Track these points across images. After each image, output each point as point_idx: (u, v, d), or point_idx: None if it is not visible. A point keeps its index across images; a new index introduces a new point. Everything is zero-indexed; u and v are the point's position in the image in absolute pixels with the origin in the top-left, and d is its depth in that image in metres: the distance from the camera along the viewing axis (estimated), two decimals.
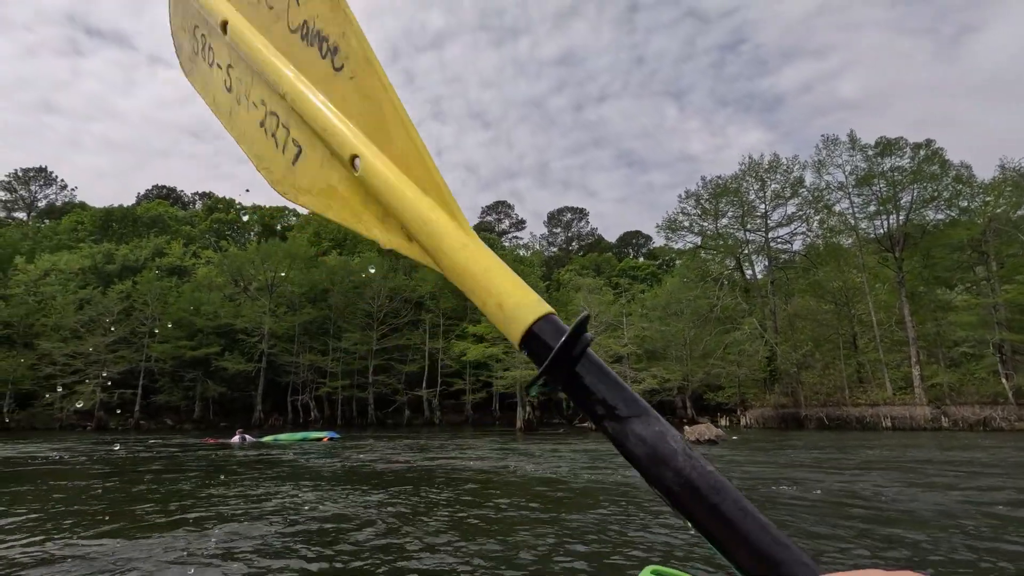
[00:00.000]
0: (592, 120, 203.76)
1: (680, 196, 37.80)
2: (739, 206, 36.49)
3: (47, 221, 68.47)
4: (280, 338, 43.67)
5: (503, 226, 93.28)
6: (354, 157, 0.70)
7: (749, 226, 37.12)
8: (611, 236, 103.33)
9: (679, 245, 38.29)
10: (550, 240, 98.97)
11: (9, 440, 26.42)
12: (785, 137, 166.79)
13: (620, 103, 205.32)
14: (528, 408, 30.99)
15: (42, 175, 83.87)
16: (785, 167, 35.11)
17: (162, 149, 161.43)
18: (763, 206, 36.30)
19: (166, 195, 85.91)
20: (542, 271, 57.48)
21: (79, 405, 38.04)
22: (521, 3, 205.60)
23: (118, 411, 39.33)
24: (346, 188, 0.73)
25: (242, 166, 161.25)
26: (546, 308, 0.56)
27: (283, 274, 45.24)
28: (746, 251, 37.60)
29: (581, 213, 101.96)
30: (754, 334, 32.93)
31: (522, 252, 68.96)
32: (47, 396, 38.56)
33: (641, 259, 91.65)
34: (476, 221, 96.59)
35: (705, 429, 17.39)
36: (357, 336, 44.66)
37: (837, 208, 35.42)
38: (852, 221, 34.44)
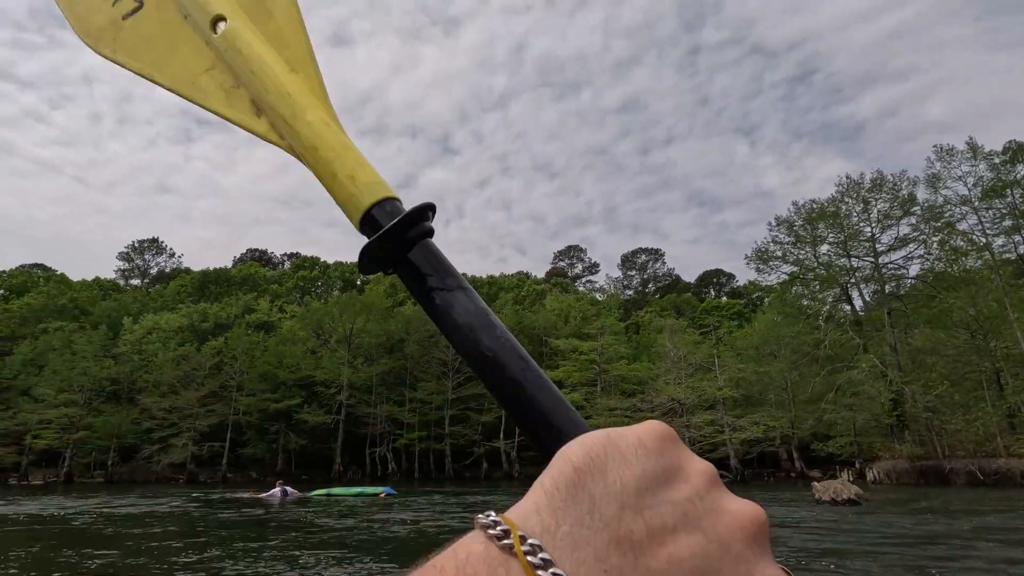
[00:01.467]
0: (659, 163, 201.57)
1: (770, 224, 34.75)
2: (840, 230, 32.86)
3: (157, 286, 74.93)
4: (358, 389, 43.74)
5: (576, 271, 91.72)
6: (218, 20, 0.66)
7: (854, 252, 33.24)
8: (689, 276, 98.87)
9: (772, 277, 34.90)
10: (625, 283, 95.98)
11: (87, 493, 27.19)
12: (870, 164, 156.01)
13: (687, 144, 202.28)
14: None
15: (154, 245, 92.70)
16: (892, 184, 31.38)
17: (256, 218, 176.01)
18: (869, 229, 32.48)
19: (258, 257, 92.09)
20: (619, 314, 54.94)
21: (173, 459, 39.43)
22: (580, 58, 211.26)
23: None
24: (192, 51, 0.68)
25: (328, 230, 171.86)
26: (393, 193, 0.58)
27: (360, 325, 45.84)
28: (852, 280, 33.54)
29: (656, 254, 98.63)
30: (873, 373, 28.63)
31: (598, 296, 66.79)
32: (145, 450, 40.37)
33: (724, 298, 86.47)
34: (548, 267, 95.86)
35: (841, 487, 14.29)
36: (432, 386, 43.90)
37: (961, 226, 31.00)
38: (982, 239, 29.87)
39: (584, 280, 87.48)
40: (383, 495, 22.41)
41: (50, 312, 55.43)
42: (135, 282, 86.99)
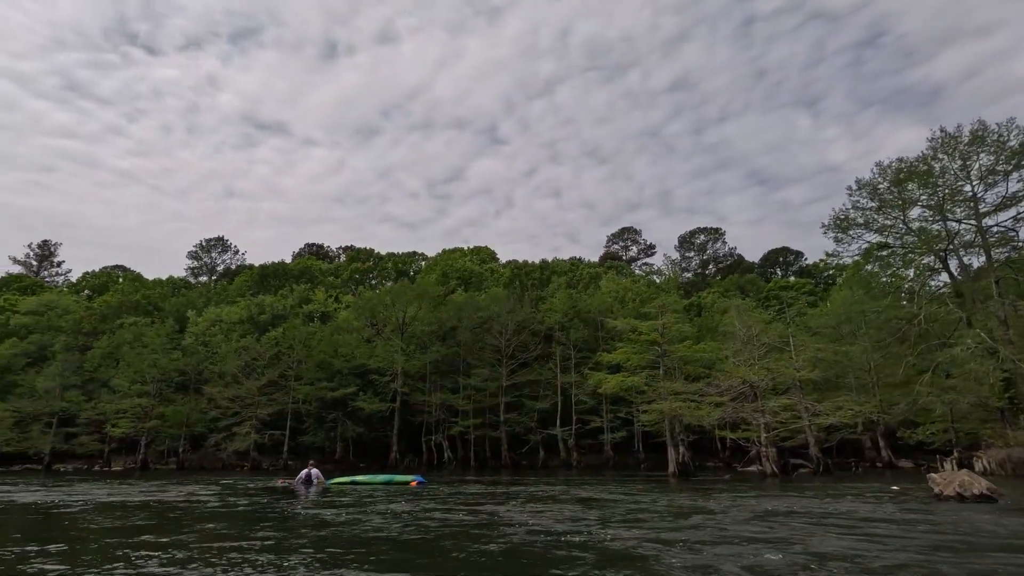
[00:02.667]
0: (714, 142, 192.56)
1: (850, 188, 31.18)
2: (934, 190, 29.08)
3: (222, 282, 78.13)
4: (412, 377, 43.53)
5: (631, 253, 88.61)
6: None
7: (951, 215, 29.36)
8: (752, 256, 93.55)
9: (853, 247, 31.46)
10: (683, 265, 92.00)
11: (148, 480, 27.86)
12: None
13: (743, 121, 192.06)
14: (681, 450, 26.01)
15: (220, 243, 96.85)
16: (997, 135, 27.36)
17: (315, 217, 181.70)
18: (969, 187, 28.56)
19: (315, 252, 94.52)
20: (680, 295, 52.08)
21: (237, 447, 40.49)
22: (627, 39, 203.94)
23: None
24: None
25: (383, 225, 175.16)
26: None
27: (412, 313, 45.55)
28: (950, 246, 29.66)
29: (716, 233, 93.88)
30: (979, 350, 25.12)
31: (655, 279, 63.91)
32: (212, 438, 41.72)
33: (792, 278, 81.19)
34: (601, 251, 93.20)
35: (968, 479, 11.89)
36: (486, 372, 43.06)
37: None
38: None
39: (640, 263, 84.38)
40: (414, 483, 20.99)
41: (126, 308, 58.55)
42: (203, 279, 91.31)
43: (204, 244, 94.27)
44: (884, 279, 32.78)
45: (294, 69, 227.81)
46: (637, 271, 75.98)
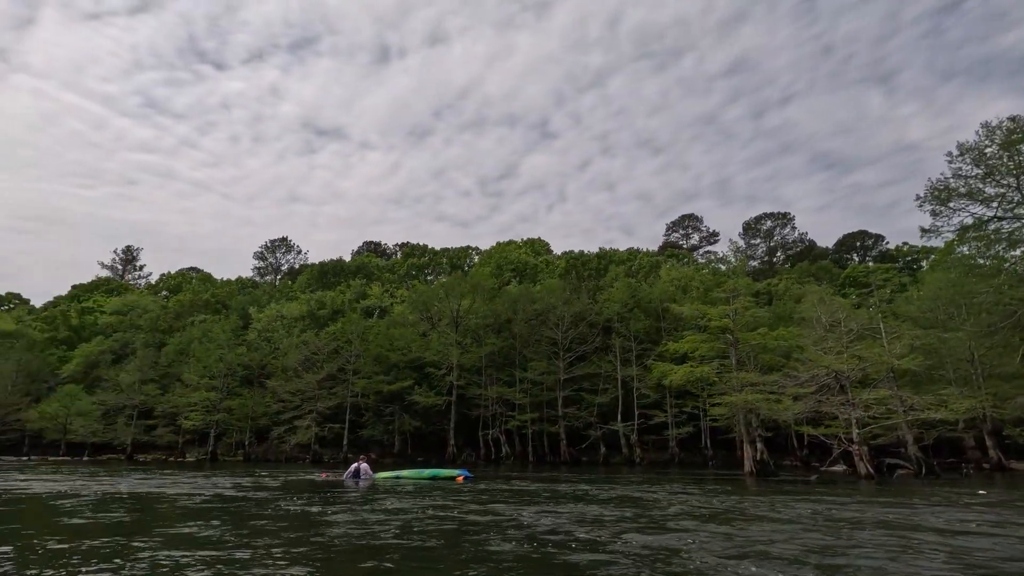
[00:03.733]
0: (776, 125, 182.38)
1: (950, 155, 27.57)
2: None
3: (285, 280, 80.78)
4: (468, 370, 42.87)
5: (692, 241, 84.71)
6: None
7: None
8: (824, 242, 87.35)
9: (955, 221, 27.76)
10: (748, 253, 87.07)
11: (215, 471, 28.31)
12: None
13: (808, 101, 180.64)
14: (759, 447, 23.60)
15: (284, 244, 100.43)
16: None
17: (372, 218, 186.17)
18: None
19: (373, 249, 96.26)
20: (748, 281, 48.73)
21: (299, 439, 41.19)
22: (680, 23, 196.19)
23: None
24: None
25: (438, 224, 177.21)
26: None
27: (467, 306, 44.88)
28: None
29: (783, 219, 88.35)
30: None
31: (720, 267, 60.38)
32: (275, 430, 42.66)
33: (871, 263, 75.04)
34: (659, 243, 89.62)
35: None
36: (543, 365, 41.74)
37: None
38: None
39: (702, 251, 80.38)
40: (460, 479, 20.22)
41: (197, 307, 61.31)
42: (269, 278, 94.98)
43: (269, 245, 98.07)
44: (985, 260, 28.84)
45: (349, 75, 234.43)
46: (700, 260, 72.27)
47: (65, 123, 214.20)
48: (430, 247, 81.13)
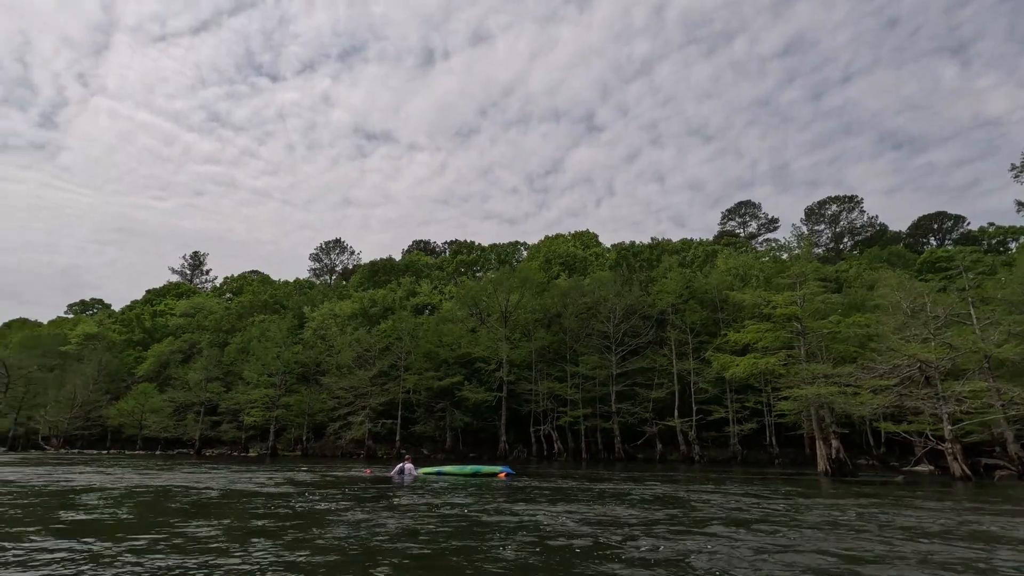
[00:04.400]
0: (837, 106, 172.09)
1: None
2: None
3: (338, 279, 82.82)
4: (517, 366, 42.23)
5: (750, 229, 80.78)
6: None
7: None
8: (896, 226, 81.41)
9: None
10: (812, 239, 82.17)
11: (272, 466, 28.83)
12: None
13: (872, 78, 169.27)
14: (835, 444, 21.51)
15: (338, 245, 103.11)
16: None
17: (421, 219, 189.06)
18: None
19: (422, 248, 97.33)
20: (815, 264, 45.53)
21: (354, 435, 41.77)
22: (730, 3, 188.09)
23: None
24: None
25: (486, 222, 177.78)
26: None
27: (515, 301, 44.24)
28: None
29: (851, 202, 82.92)
30: None
31: (782, 255, 56.93)
32: (330, 426, 43.46)
33: (950, 246, 69.09)
34: (714, 233, 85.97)
35: None
36: (595, 360, 40.54)
37: None
38: None
39: (761, 239, 76.45)
40: (502, 475, 19.70)
41: (257, 308, 63.59)
42: (324, 279, 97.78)
43: (324, 246, 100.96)
44: None
45: (396, 79, 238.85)
46: (759, 248, 68.68)
47: (139, 140, 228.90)
48: (478, 244, 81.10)
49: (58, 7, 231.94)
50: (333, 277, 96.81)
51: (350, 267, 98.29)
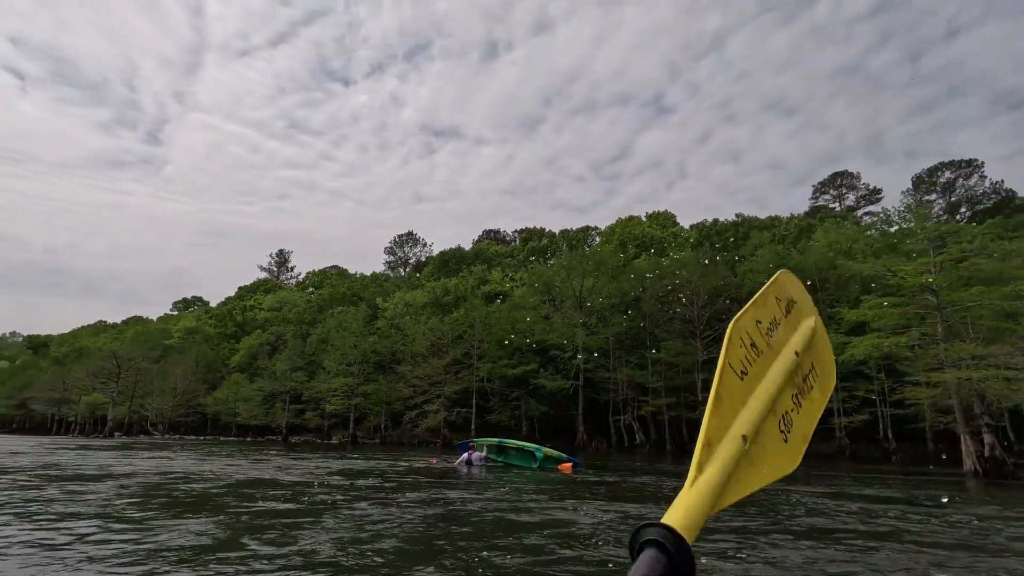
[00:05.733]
0: (939, 66, 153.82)
1: None
2: None
3: (411, 271, 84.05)
4: (594, 353, 40.23)
5: (847, 202, 73.49)
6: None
7: None
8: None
9: None
10: (926, 210, 73.41)
11: (353, 454, 28.70)
12: None
13: (982, 31, 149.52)
14: (988, 439, 17.80)
15: (411, 238, 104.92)
16: None
17: (489, 211, 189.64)
18: None
19: (492, 237, 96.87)
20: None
21: (429, 424, 41.60)
22: None
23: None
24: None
25: (553, 212, 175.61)
26: None
27: (590, 285, 42.22)
28: None
29: (969, 167, 73.26)
30: None
31: (889, 228, 50.80)
32: (407, 415, 43.55)
33: None
34: (807, 207, 78.91)
35: None
36: (677, 346, 37.76)
37: None
38: None
39: (863, 212, 69.10)
40: (567, 466, 17.91)
41: (335, 300, 65.46)
42: (399, 271, 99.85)
43: (397, 239, 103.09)
44: None
45: (461, 74, 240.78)
46: (864, 220, 61.95)
47: (229, 150, 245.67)
48: (548, 230, 79.31)
49: (157, 33, 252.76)
50: (407, 269, 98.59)
51: (423, 259, 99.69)
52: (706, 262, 40.98)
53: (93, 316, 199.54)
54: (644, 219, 64.23)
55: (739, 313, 1.42)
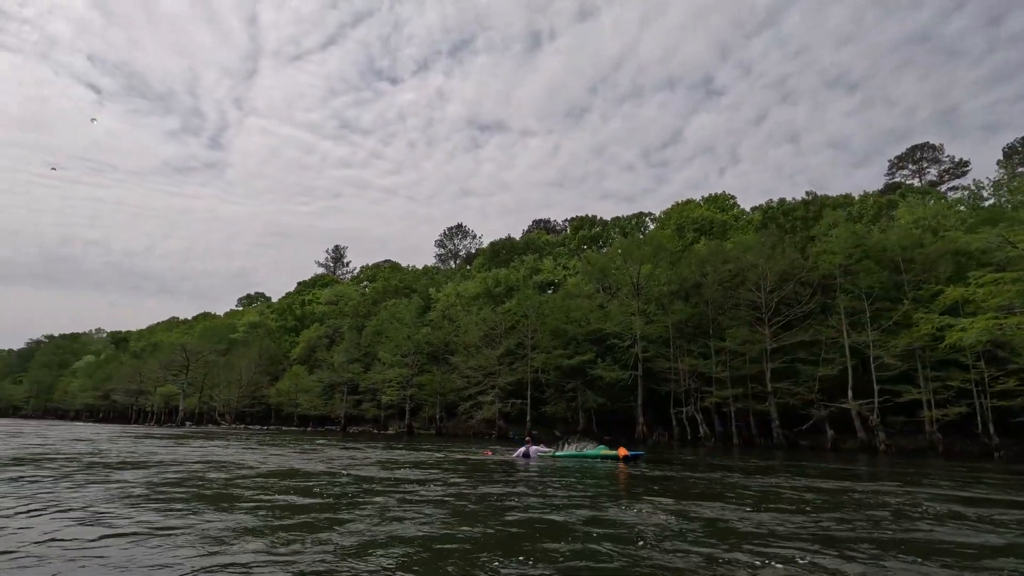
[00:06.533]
0: (1022, 28, 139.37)
1: None
2: None
3: (461, 264, 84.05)
4: (653, 342, 38.51)
5: (929, 176, 67.63)
6: None
7: None
8: None
9: None
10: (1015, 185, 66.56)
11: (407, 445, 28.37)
12: None
13: None
14: None
15: (460, 231, 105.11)
16: None
17: (537, 203, 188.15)
18: None
19: (542, 227, 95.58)
20: None
21: (484, 415, 41.09)
22: None
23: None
24: None
25: (601, 202, 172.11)
26: None
27: (647, 270, 40.43)
28: None
29: None
30: None
31: (986, 204, 46.01)
32: (462, 406, 43.23)
33: None
34: (881, 185, 73.17)
35: None
36: (744, 333, 35.55)
37: None
38: None
39: (947, 186, 63.28)
40: (625, 452, 16.91)
41: (388, 293, 66.14)
42: (450, 264, 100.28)
43: (447, 232, 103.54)
44: None
45: (504, 67, 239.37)
46: (951, 195, 56.68)
47: (285, 152, 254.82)
48: (599, 218, 77.19)
49: (217, 43, 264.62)
50: (457, 262, 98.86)
51: (472, 251, 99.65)
52: (773, 245, 38.36)
53: (168, 313, 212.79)
54: (701, 202, 61.23)
55: None
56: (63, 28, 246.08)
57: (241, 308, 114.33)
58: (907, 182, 69.52)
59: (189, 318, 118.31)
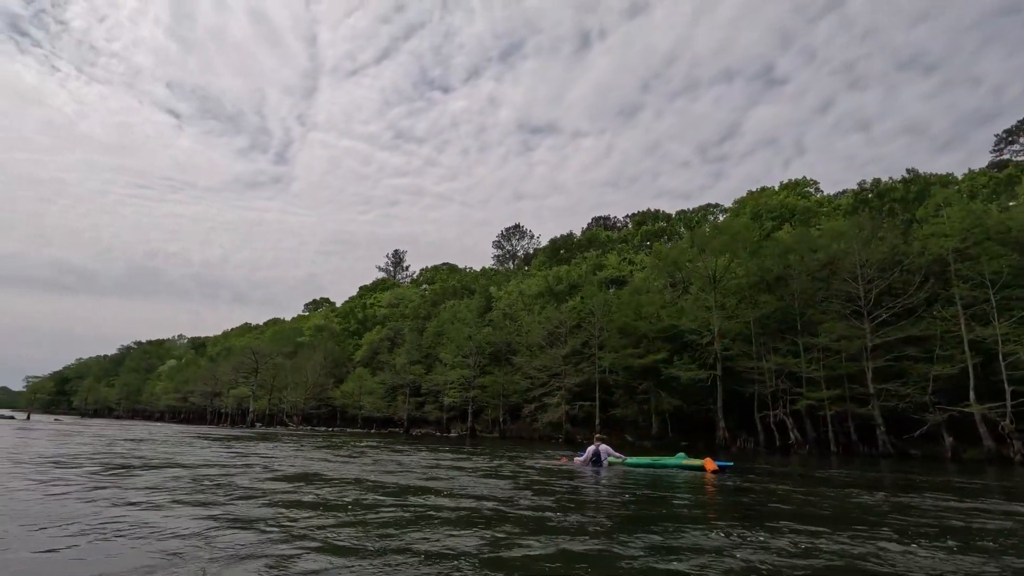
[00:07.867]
0: None
1: None
2: None
3: (519, 263, 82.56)
4: (733, 338, 35.31)
5: None
6: None
7: None
8: None
9: None
10: None
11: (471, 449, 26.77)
12: None
13: None
14: None
15: (518, 231, 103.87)
16: None
17: (591, 204, 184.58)
18: None
19: (602, 224, 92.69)
20: None
21: (550, 418, 39.13)
22: None
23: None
24: None
25: (656, 200, 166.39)
26: None
27: (724, 262, 37.26)
28: None
29: None
30: None
31: None
32: (526, 408, 41.46)
33: None
34: (985, 163, 65.58)
35: None
36: (839, 328, 31.85)
37: None
38: None
39: None
40: (713, 465, 14.41)
41: (448, 294, 65.50)
42: (508, 265, 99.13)
43: (504, 233, 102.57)
44: None
45: (554, 69, 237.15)
46: None
47: (344, 164, 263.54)
48: (663, 212, 73.63)
49: (280, 64, 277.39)
50: (515, 262, 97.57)
51: (531, 251, 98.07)
52: (873, 228, 34.34)
53: (241, 319, 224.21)
54: (777, 188, 56.74)
55: None
56: (145, 59, 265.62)
57: (307, 313, 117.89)
58: (1016, 157, 61.90)
59: (260, 323, 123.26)
